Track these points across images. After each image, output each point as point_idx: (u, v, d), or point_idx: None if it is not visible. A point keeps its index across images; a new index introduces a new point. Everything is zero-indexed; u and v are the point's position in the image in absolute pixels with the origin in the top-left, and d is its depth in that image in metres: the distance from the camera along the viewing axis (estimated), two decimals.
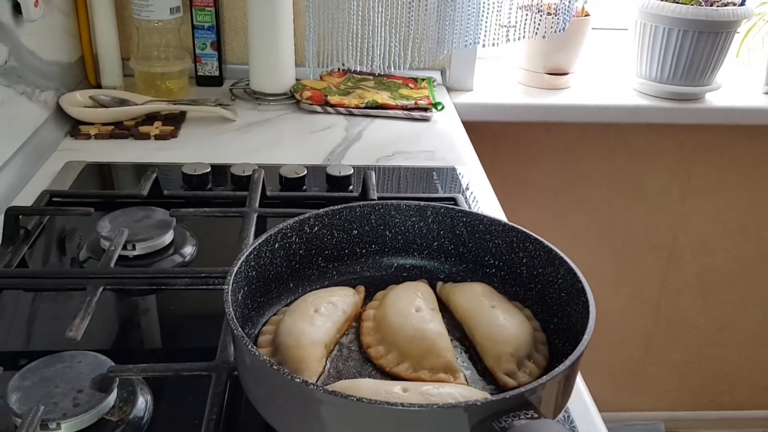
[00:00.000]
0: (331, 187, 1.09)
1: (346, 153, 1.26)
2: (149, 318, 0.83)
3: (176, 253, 0.91)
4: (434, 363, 0.64)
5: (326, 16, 1.49)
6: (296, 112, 1.44)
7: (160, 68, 1.43)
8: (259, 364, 0.55)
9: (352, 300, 0.72)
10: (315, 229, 0.75)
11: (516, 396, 0.51)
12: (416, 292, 0.72)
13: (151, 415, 0.65)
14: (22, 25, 1.14)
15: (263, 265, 0.71)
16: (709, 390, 2.03)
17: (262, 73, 1.46)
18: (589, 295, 0.63)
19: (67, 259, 0.93)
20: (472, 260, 0.78)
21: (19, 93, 1.14)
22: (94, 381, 0.64)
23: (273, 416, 0.58)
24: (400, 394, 0.57)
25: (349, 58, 1.53)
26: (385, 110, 1.43)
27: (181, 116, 1.36)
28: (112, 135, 1.27)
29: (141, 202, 0.98)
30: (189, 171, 1.09)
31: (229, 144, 1.28)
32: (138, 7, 1.39)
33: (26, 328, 0.80)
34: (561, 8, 1.50)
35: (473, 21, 1.50)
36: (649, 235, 1.75)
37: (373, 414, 0.50)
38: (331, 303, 0.69)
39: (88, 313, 0.72)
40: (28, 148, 1.14)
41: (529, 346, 0.66)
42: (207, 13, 1.47)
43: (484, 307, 0.70)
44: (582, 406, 0.70)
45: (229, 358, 0.68)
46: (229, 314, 0.58)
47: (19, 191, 1.07)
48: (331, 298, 0.70)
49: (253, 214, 0.94)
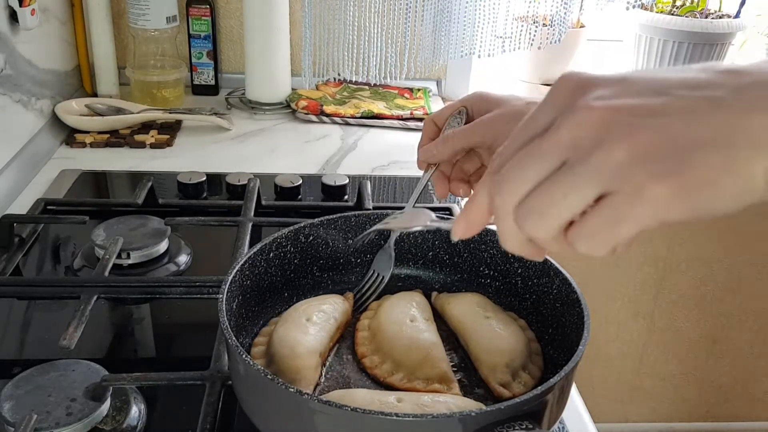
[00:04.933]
0: (327, 197, 1.09)
1: (342, 162, 1.26)
2: (143, 327, 0.83)
3: (171, 262, 0.91)
4: (429, 373, 0.64)
5: (322, 26, 1.49)
6: (292, 122, 1.44)
7: (156, 77, 1.43)
8: (253, 374, 0.54)
9: (343, 307, 0.72)
10: (310, 238, 0.75)
11: (511, 407, 0.51)
12: (411, 302, 0.72)
13: (144, 424, 0.65)
14: (18, 34, 1.14)
15: (258, 275, 0.71)
16: (704, 401, 2.03)
17: (258, 82, 1.46)
18: (584, 305, 0.63)
19: (61, 267, 0.93)
20: (467, 270, 0.78)
21: (15, 101, 1.14)
22: (87, 390, 0.63)
23: (267, 426, 0.58)
24: (394, 404, 0.57)
25: (345, 67, 1.54)
26: (381, 120, 1.43)
27: (176, 125, 1.36)
28: (108, 143, 1.27)
29: (136, 210, 0.98)
30: (184, 180, 1.09)
31: (225, 153, 1.28)
32: (134, 16, 1.39)
33: (20, 336, 0.80)
34: (556, 19, 1.50)
35: (469, 32, 1.50)
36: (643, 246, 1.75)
37: (367, 424, 0.50)
38: (322, 311, 0.69)
39: (82, 321, 0.71)
40: (23, 156, 1.14)
41: (524, 356, 0.66)
42: (203, 23, 1.47)
43: (478, 318, 0.70)
44: (577, 418, 0.70)
45: (223, 367, 0.68)
46: (223, 323, 0.58)
47: (14, 199, 1.07)
48: (322, 306, 0.70)
49: (248, 223, 0.94)
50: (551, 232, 0.39)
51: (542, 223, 0.39)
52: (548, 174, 0.38)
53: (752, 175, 0.35)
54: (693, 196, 0.36)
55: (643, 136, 0.36)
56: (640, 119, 0.37)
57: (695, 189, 0.36)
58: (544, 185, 0.39)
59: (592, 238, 0.38)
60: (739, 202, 0.36)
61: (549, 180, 0.38)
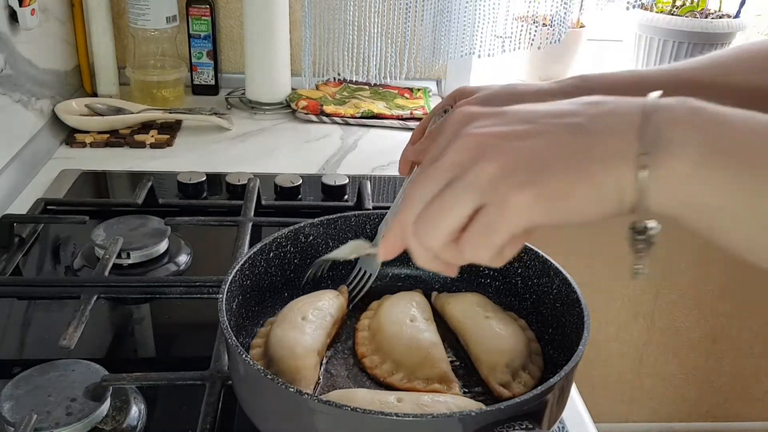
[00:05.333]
0: (327, 197, 1.09)
1: (342, 162, 1.26)
2: (143, 327, 0.83)
3: (171, 262, 0.91)
4: (429, 373, 0.63)
5: (322, 26, 1.49)
6: (292, 122, 1.44)
7: (156, 77, 1.43)
8: (253, 374, 0.54)
9: (338, 303, 0.71)
10: (310, 238, 0.75)
11: (511, 407, 0.51)
12: (411, 302, 0.72)
13: (144, 424, 0.65)
14: (18, 34, 1.14)
15: (258, 275, 0.71)
16: (704, 401, 2.03)
17: (258, 82, 1.46)
18: (584, 305, 0.63)
19: (61, 267, 0.93)
20: (467, 270, 0.78)
21: (15, 101, 1.14)
22: (87, 390, 0.63)
23: (267, 425, 0.58)
24: (394, 404, 0.57)
25: (345, 67, 1.53)
26: (381, 120, 1.43)
27: (176, 125, 1.36)
28: (108, 143, 1.27)
29: (136, 210, 0.98)
30: (184, 180, 1.09)
31: (225, 153, 1.28)
32: (134, 15, 1.39)
33: (20, 336, 0.80)
34: (556, 19, 1.50)
35: (469, 31, 1.50)
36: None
37: (367, 424, 0.50)
38: (317, 309, 0.69)
39: (82, 321, 0.71)
40: (23, 156, 1.13)
41: (524, 356, 0.66)
42: (203, 23, 1.47)
43: (478, 318, 0.70)
44: (577, 418, 0.70)
45: (223, 367, 0.68)
46: (223, 323, 0.58)
47: (14, 199, 1.07)
48: (318, 303, 0.70)
49: (248, 223, 0.94)
50: (442, 241, 0.45)
51: (434, 233, 0.45)
52: (438, 192, 0.45)
53: (603, 186, 0.42)
54: (551, 204, 0.42)
55: (509, 155, 0.43)
56: (509, 142, 0.43)
57: (552, 197, 0.42)
58: (434, 201, 0.45)
59: (474, 244, 0.44)
60: (597, 211, 0.43)
61: (437, 197, 0.45)
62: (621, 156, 0.41)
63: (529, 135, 0.43)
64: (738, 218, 0.41)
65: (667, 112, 0.42)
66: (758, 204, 0.40)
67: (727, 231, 0.42)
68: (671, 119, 0.41)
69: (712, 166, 0.40)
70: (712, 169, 0.40)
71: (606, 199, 0.42)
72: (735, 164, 0.40)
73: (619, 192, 0.42)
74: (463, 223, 0.44)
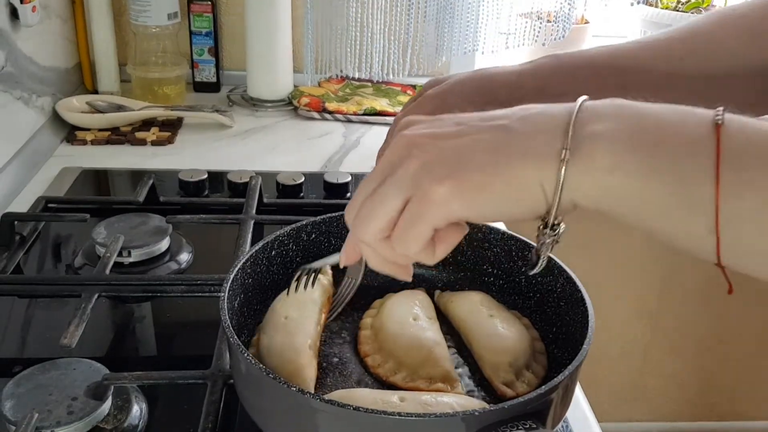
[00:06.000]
0: (329, 195, 1.09)
1: (344, 160, 1.26)
2: (144, 325, 0.82)
3: (172, 260, 0.90)
4: (432, 372, 0.63)
5: (325, 23, 1.49)
6: (294, 119, 1.44)
7: (157, 74, 1.43)
8: (255, 372, 0.54)
9: (319, 287, 0.69)
10: (312, 236, 0.75)
11: (514, 406, 0.50)
12: (414, 301, 0.72)
13: (145, 423, 0.64)
14: (19, 31, 1.14)
15: (260, 273, 0.70)
16: (709, 401, 2.02)
17: (259, 79, 1.46)
18: (588, 304, 0.62)
19: (62, 265, 0.92)
20: (471, 269, 0.77)
21: (16, 98, 1.14)
22: (88, 389, 0.63)
23: (269, 425, 0.57)
24: (397, 403, 0.57)
25: (348, 64, 1.53)
26: (384, 117, 1.43)
27: (178, 122, 1.35)
28: (109, 141, 1.27)
29: (137, 208, 0.98)
30: (186, 177, 1.08)
31: (226, 150, 1.28)
32: (135, 12, 1.39)
33: (21, 334, 0.79)
34: (560, 16, 1.50)
35: (472, 28, 1.50)
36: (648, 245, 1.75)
37: (370, 423, 0.50)
38: (298, 301, 0.67)
39: (83, 320, 0.71)
40: (24, 154, 1.13)
41: (528, 355, 0.66)
42: (205, 19, 1.46)
43: (482, 316, 0.69)
44: (581, 417, 0.70)
45: (224, 366, 0.67)
46: (225, 322, 0.58)
47: (15, 197, 1.07)
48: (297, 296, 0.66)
49: (249, 221, 0.93)
50: (375, 236, 0.47)
51: (367, 228, 0.47)
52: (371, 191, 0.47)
53: (523, 180, 0.43)
54: (469, 196, 0.44)
55: (434, 152, 0.45)
56: (436, 141, 0.46)
57: (470, 189, 0.44)
58: (367, 199, 0.47)
59: (401, 237, 0.46)
60: (520, 206, 0.44)
61: (370, 194, 0.47)
62: (544, 152, 0.43)
63: (457, 135, 0.46)
64: (661, 207, 0.41)
65: (592, 111, 0.43)
66: (680, 191, 0.41)
67: (652, 220, 0.43)
68: (595, 116, 0.43)
69: (632, 157, 0.41)
70: (633, 160, 0.41)
71: (528, 193, 0.44)
72: (656, 153, 0.41)
73: (540, 187, 0.43)
74: (394, 218, 0.46)
